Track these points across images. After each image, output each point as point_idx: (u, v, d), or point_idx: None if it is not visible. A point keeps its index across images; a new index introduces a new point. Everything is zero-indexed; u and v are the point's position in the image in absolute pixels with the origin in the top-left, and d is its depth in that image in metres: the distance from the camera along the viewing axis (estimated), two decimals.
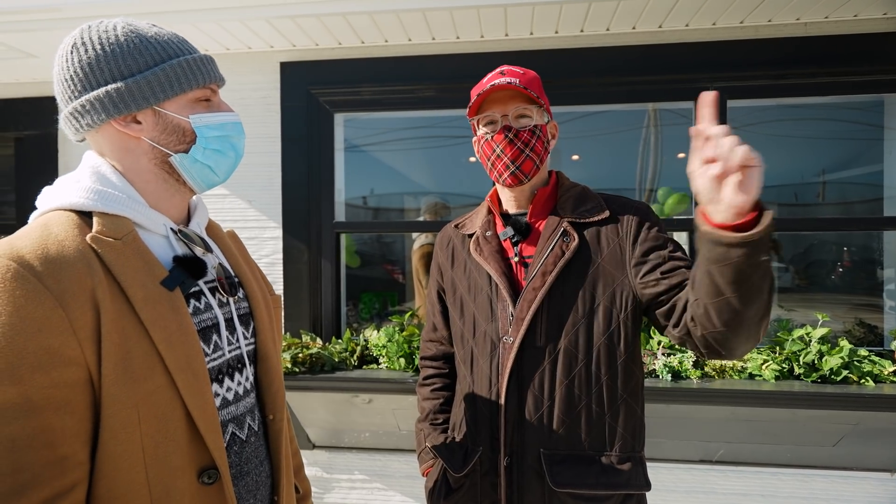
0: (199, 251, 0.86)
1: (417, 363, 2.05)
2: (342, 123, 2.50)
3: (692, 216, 2.20)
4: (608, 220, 1.17)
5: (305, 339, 2.29)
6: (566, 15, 2.04)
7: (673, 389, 1.95)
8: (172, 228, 0.83)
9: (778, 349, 2.07)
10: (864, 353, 2.03)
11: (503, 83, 1.13)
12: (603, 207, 1.18)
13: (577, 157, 3.38)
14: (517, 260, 1.20)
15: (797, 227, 2.43)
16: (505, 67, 1.20)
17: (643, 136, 2.79)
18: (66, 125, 0.81)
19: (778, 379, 1.98)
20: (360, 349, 2.27)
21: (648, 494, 2.22)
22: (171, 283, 0.76)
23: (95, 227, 0.73)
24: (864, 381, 1.94)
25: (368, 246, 4.06)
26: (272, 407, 0.91)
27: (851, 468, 2.12)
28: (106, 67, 0.76)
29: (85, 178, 0.78)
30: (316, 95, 2.36)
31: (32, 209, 0.79)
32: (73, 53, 0.77)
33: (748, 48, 2.14)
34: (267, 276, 2.37)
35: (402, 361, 2.16)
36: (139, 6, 1.95)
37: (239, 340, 0.88)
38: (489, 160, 1.19)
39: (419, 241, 3.29)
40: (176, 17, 1.99)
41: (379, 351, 2.23)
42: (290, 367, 2.12)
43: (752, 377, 2.01)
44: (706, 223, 0.83)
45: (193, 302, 0.81)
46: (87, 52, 0.76)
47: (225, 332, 0.85)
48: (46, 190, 0.79)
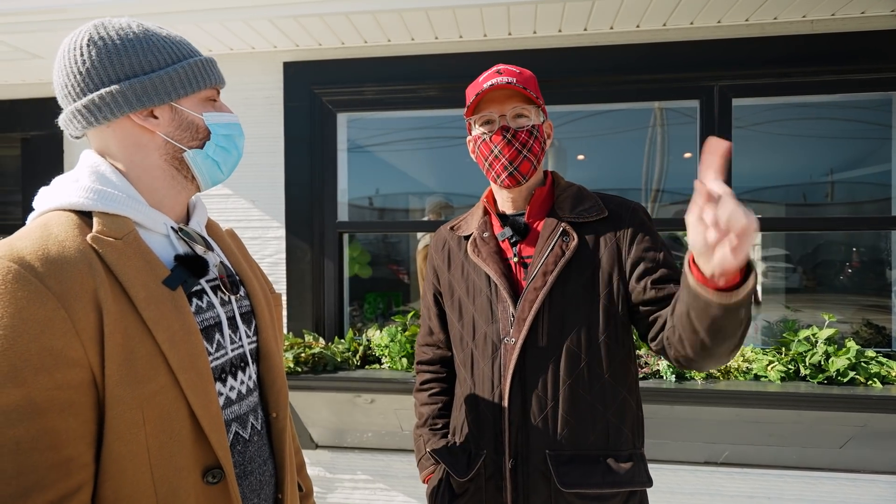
0: (200, 249, 0.85)
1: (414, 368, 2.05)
2: (345, 123, 2.50)
3: None
4: (606, 220, 1.17)
5: (308, 338, 2.29)
6: (569, 13, 2.03)
7: (677, 390, 1.93)
8: (173, 227, 0.83)
9: (784, 350, 2.05)
10: (871, 354, 2.01)
11: (501, 82, 1.12)
12: (601, 207, 1.18)
13: (582, 156, 3.37)
14: (516, 260, 1.19)
15: (804, 226, 2.41)
16: (501, 66, 1.19)
17: (649, 135, 2.77)
18: (71, 120, 0.79)
19: (784, 380, 1.96)
20: (362, 349, 2.27)
21: (652, 495, 2.22)
22: (173, 282, 0.76)
23: (96, 226, 0.72)
24: (871, 382, 1.92)
25: (373, 246, 4.05)
26: (275, 405, 0.91)
27: (859, 471, 2.10)
28: (126, 62, 0.77)
29: (84, 177, 0.77)
30: (319, 95, 2.36)
31: (33, 210, 0.78)
32: (89, 47, 0.76)
33: (754, 46, 2.12)
34: (270, 276, 2.39)
35: (404, 361, 2.15)
36: (144, 7, 1.95)
37: (241, 339, 0.88)
38: (486, 161, 1.18)
39: (423, 241, 3.29)
40: (180, 17, 2.00)
41: (381, 351, 2.23)
42: (292, 366, 2.12)
43: (757, 378, 1.99)
44: (692, 273, 0.85)
45: (195, 301, 0.81)
46: (105, 46, 0.76)
47: (227, 330, 0.84)
48: (44, 190, 0.79)
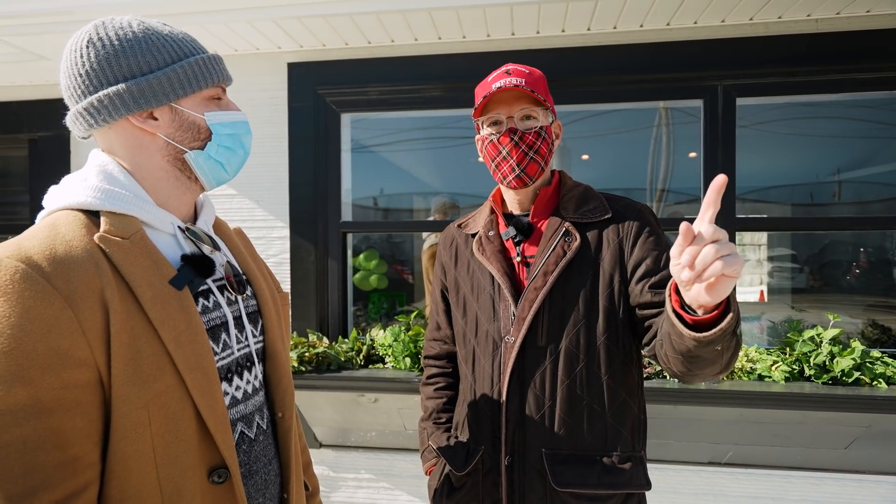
0: (206, 249, 0.85)
1: (421, 363, 2.05)
2: (349, 124, 2.51)
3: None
4: (610, 220, 1.16)
5: (312, 338, 2.30)
6: (572, 13, 2.03)
7: (681, 390, 1.93)
8: (180, 227, 0.83)
9: (788, 350, 2.04)
10: (876, 354, 2.00)
11: (510, 84, 1.12)
12: (605, 208, 1.18)
13: (586, 156, 3.36)
14: (519, 260, 1.19)
15: (810, 226, 2.40)
16: (510, 66, 1.19)
17: (654, 135, 2.77)
18: (75, 121, 0.79)
19: (788, 380, 1.95)
20: (366, 348, 2.27)
21: (656, 496, 2.22)
22: (179, 282, 0.76)
23: (103, 226, 0.72)
24: (876, 382, 1.91)
25: (378, 247, 4.06)
26: (281, 405, 0.91)
27: (864, 471, 2.09)
28: (124, 63, 0.75)
29: (92, 176, 0.77)
30: (323, 95, 2.37)
31: (42, 209, 0.78)
32: (88, 48, 0.75)
33: (758, 45, 2.11)
34: (274, 275, 2.39)
35: (407, 361, 2.16)
36: (149, 8, 1.96)
37: (248, 338, 0.88)
38: (494, 161, 1.19)
39: (429, 240, 3.29)
40: (185, 18, 2.01)
41: (385, 350, 2.24)
42: (296, 365, 2.13)
43: (761, 378, 1.99)
44: (671, 301, 0.85)
45: (202, 300, 0.81)
46: (104, 47, 0.75)
47: (234, 330, 0.84)
48: (53, 189, 0.78)
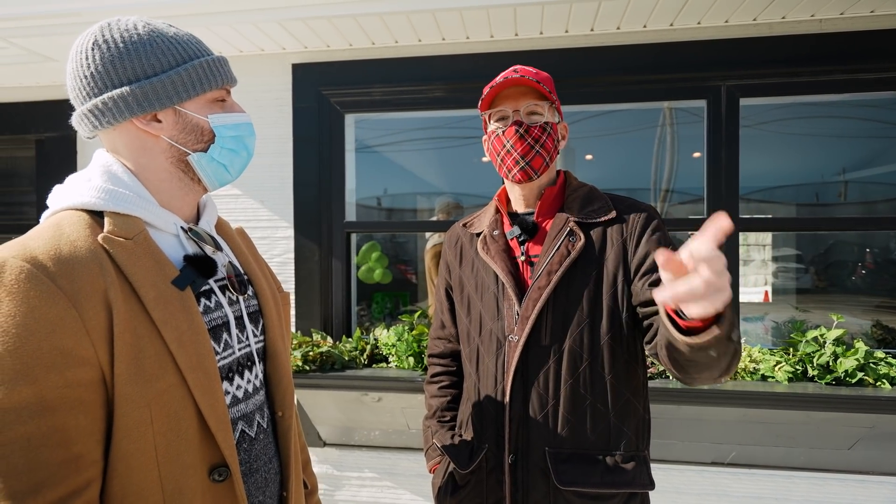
0: (209, 250, 0.86)
1: (426, 361, 2.06)
2: (353, 124, 2.52)
3: (704, 216, 2.18)
4: (614, 220, 1.17)
5: (316, 337, 2.31)
6: (576, 14, 2.03)
7: (684, 390, 1.93)
8: (183, 227, 0.84)
9: (791, 350, 2.04)
10: (880, 354, 1.99)
11: (517, 77, 1.14)
12: (610, 208, 1.18)
13: (590, 156, 3.37)
14: (523, 259, 1.20)
15: (814, 226, 2.39)
16: (519, 67, 1.20)
17: (657, 135, 2.76)
18: (81, 122, 0.80)
19: (791, 381, 1.95)
20: (369, 348, 2.28)
21: (659, 496, 2.22)
22: (181, 282, 0.77)
23: (107, 227, 0.73)
24: (880, 383, 1.90)
25: (381, 246, 4.08)
26: (281, 404, 0.92)
27: (867, 472, 2.08)
28: (129, 66, 0.76)
29: (96, 177, 0.78)
30: (327, 96, 2.38)
31: (48, 208, 0.79)
32: (93, 51, 0.75)
33: (762, 46, 2.11)
34: (278, 275, 2.41)
35: (411, 360, 2.17)
36: (155, 10, 1.98)
37: (249, 338, 0.88)
38: (499, 156, 1.19)
39: (432, 240, 3.30)
40: (190, 20, 2.02)
41: (388, 350, 2.24)
42: (300, 365, 2.14)
43: (764, 379, 1.98)
44: (665, 307, 0.85)
45: (204, 300, 0.82)
46: (108, 49, 0.75)
47: (235, 330, 0.85)
48: (58, 189, 0.79)
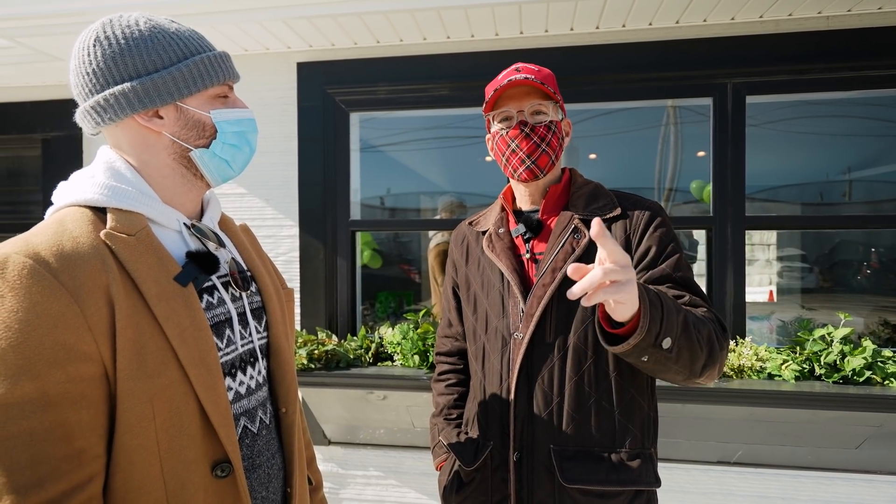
0: (211, 246, 0.86)
1: (432, 360, 2.05)
2: (358, 123, 2.52)
3: (710, 214, 2.17)
4: (619, 217, 1.16)
5: (321, 335, 2.31)
6: (581, 11, 2.02)
7: (689, 389, 1.92)
8: (185, 223, 0.84)
9: (798, 349, 2.02)
10: (888, 353, 1.97)
11: (520, 79, 1.13)
12: (615, 204, 1.18)
13: (594, 155, 3.35)
14: (528, 257, 1.20)
15: (819, 225, 2.38)
16: (520, 65, 1.21)
17: (662, 133, 2.75)
18: (84, 119, 0.80)
19: (798, 379, 1.93)
20: (374, 346, 2.28)
21: (665, 495, 2.21)
22: (184, 278, 0.77)
23: (109, 223, 0.74)
24: (888, 382, 1.89)
25: (385, 245, 4.08)
26: (284, 400, 0.92)
27: (875, 471, 2.07)
28: (130, 62, 0.76)
29: (99, 173, 0.78)
30: (332, 95, 2.38)
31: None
32: (95, 47, 0.76)
33: (768, 43, 2.10)
34: (284, 274, 2.41)
35: (416, 359, 2.16)
36: (159, 9, 1.98)
37: (252, 334, 0.89)
38: (504, 156, 1.19)
39: (435, 239, 3.30)
40: (195, 19, 2.03)
41: (394, 348, 2.24)
42: (305, 363, 2.14)
43: (771, 377, 1.97)
44: (598, 311, 0.95)
45: (206, 297, 0.82)
46: (110, 46, 0.76)
47: (238, 326, 0.85)
48: (62, 185, 0.80)
